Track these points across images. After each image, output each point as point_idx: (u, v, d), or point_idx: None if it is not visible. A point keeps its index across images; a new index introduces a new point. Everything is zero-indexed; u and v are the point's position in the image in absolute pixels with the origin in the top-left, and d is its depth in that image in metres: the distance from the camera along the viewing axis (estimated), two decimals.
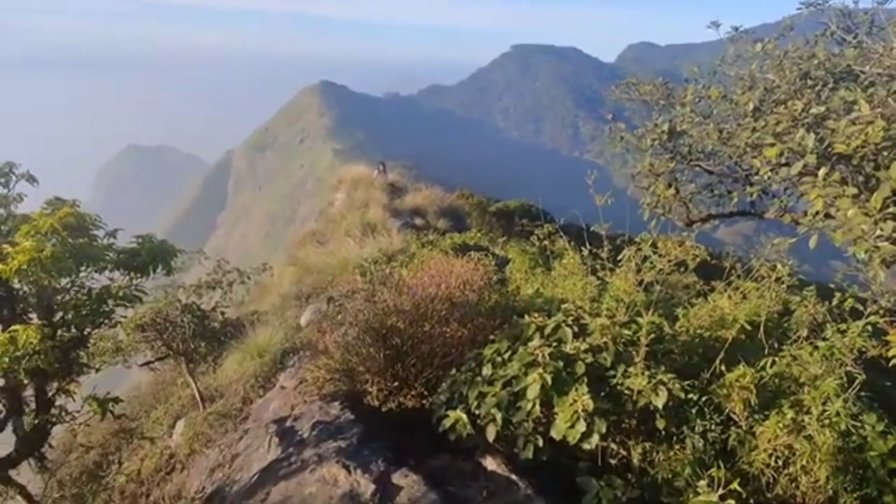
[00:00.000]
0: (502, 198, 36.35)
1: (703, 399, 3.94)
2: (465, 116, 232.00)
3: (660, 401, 3.70)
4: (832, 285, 5.68)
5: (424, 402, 4.90)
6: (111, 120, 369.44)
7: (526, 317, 4.26)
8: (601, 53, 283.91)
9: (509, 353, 4.18)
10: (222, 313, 10.90)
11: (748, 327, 4.46)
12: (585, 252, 5.52)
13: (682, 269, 4.86)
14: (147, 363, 9.66)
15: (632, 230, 5.39)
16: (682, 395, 3.74)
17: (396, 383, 4.95)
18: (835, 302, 4.52)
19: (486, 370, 4.20)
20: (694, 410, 3.91)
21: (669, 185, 5.76)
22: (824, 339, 3.96)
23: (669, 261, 4.56)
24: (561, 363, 3.85)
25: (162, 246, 5.29)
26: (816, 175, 3.69)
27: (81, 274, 4.91)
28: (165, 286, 10.54)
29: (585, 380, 3.79)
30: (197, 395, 8.75)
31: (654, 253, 4.72)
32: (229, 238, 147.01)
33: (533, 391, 3.77)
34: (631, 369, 3.87)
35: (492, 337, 4.53)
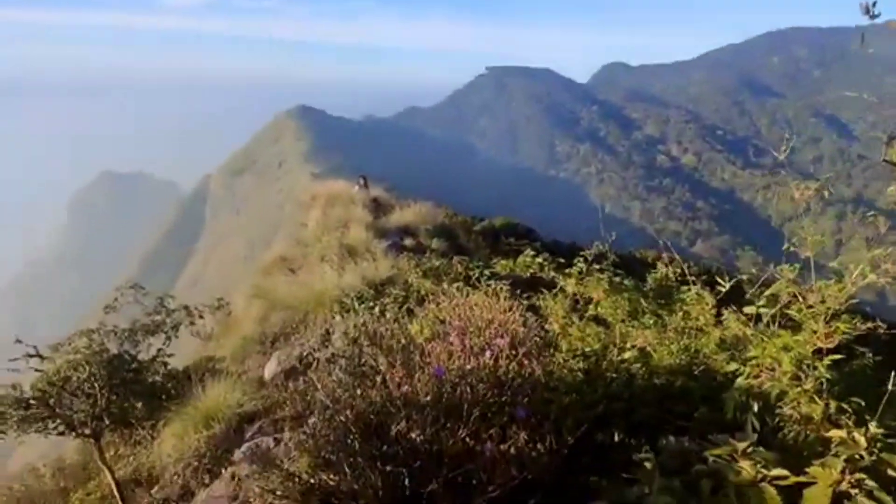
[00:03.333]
0: (484, 217, 34.61)
1: None
2: (442, 137, 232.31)
3: None
4: None
5: None
6: (87, 145, 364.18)
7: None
8: (575, 74, 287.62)
9: None
10: (165, 364, 8.69)
11: None
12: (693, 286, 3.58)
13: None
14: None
15: (616, 246, 4.83)
16: None
17: None
18: None
19: None
20: None
21: None
22: None
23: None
24: None
25: None
26: None
27: None
28: (92, 330, 8.32)
29: None
30: (114, 489, 6.50)
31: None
32: (207, 264, 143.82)
33: None
34: None
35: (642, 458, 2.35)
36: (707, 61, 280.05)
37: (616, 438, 2.86)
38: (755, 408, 2.37)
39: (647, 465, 2.12)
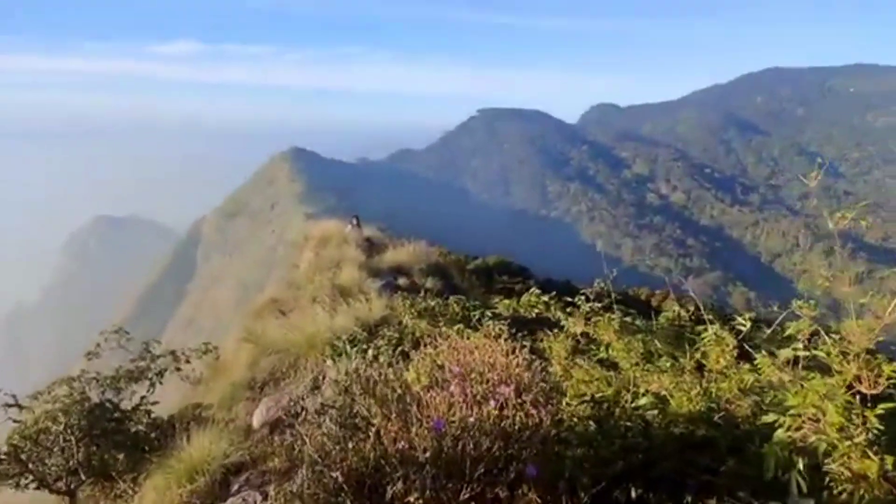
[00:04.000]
0: (477, 256, 34.49)
1: None
2: (435, 179, 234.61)
3: None
4: None
5: None
6: (83, 189, 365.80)
7: None
8: (565, 115, 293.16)
9: None
10: (149, 412, 8.32)
11: None
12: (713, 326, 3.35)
13: None
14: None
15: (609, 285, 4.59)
16: None
17: None
18: None
19: None
20: None
21: None
22: None
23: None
24: None
25: None
26: None
27: None
28: (73, 378, 7.99)
29: None
30: None
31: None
32: (199, 307, 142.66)
33: None
34: None
35: None
36: (693, 101, 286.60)
37: (634, 495, 2.59)
38: (800, 464, 2.12)
39: None
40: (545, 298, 4.17)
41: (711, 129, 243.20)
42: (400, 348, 5.88)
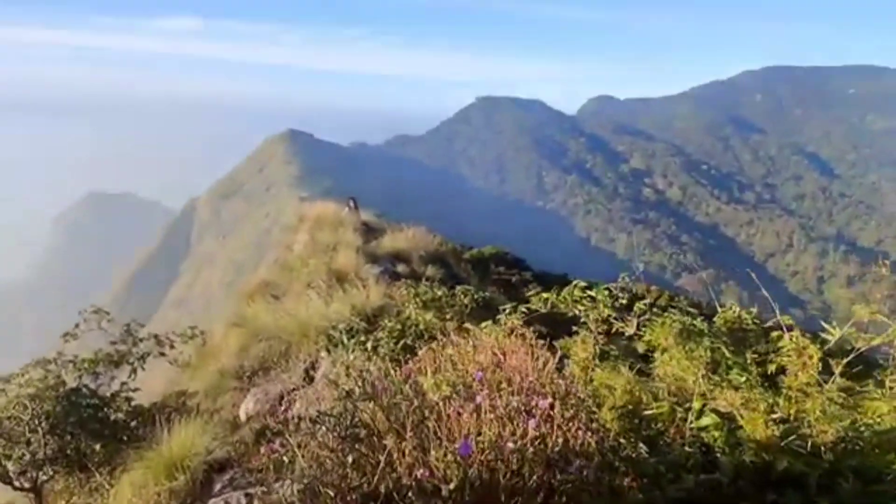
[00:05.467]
0: (472, 246, 34.05)
1: None
2: (432, 165, 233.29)
3: None
4: None
5: None
6: (76, 165, 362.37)
7: None
8: (563, 106, 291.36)
9: None
10: (129, 399, 7.84)
11: None
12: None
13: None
14: None
15: (602, 278, 4.78)
16: None
17: None
18: None
19: None
20: None
21: None
22: None
23: None
24: None
25: None
26: None
27: None
28: (48, 360, 7.49)
29: None
30: None
31: None
32: (191, 288, 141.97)
33: None
34: None
35: None
36: (692, 97, 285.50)
37: None
38: None
39: None
40: (591, 293, 3.69)
41: (709, 126, 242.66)
42: (402, 341, 5.41)
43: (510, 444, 1.97)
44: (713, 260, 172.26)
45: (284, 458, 2.68)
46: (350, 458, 2.43)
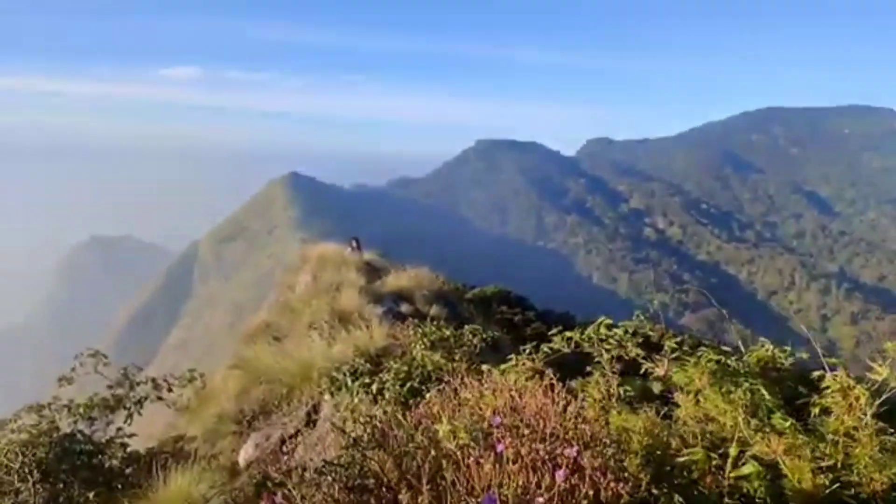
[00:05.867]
0: (475, 285, 33.87)
1: None
2: (433, 207, 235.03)
3: None
4: None
5: None
6: (79, 209, 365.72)
7: None
8: (562, 147, 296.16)
9: None
10: (124, 445, 7.56)
11: None
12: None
13: None
14: None
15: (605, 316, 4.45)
16: None
17: None
18: None
19: None
20: None
21: None
22: None
23: None
24: None
25: None
26: None
27: None
28: (42, 406, 7.27)
29: None
30: None
31: None
32: (192, 329, 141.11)
33: None
34: None
35: None
36: (689, 137, 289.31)
37: None
38: None
39: None
40: (618, 332, 3.50)
41: (707, 166, 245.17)
42: (409, 384, 5.19)
43: (539, 500, 1.77)
44: (715, 298, 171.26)
45: None
46: None
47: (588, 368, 4.53)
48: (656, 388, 4.47)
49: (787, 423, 2.58)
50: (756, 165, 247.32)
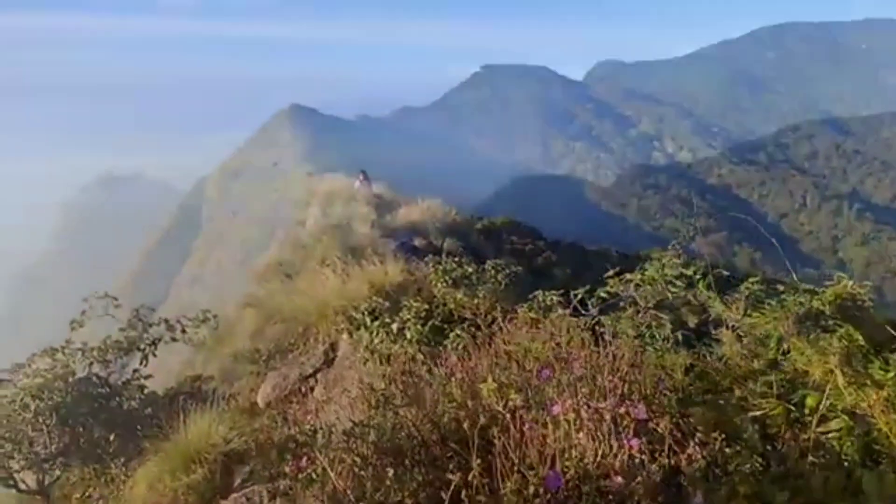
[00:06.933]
0: (483, 216, 33.53)
1: None
2: (437, 136, 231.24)
3: None
4: None
5: None
6: (83, 146, 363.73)
7: None
8: (570, 71, 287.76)
9: None
10: (142, 387, 7.54)
11: None
12: None
13: None
14: None
15: (615, 244, 3.33)
16: None
17: None
18: None
19: None
20: None
21: None
22: None
23: None
24: None
25: None
26: None
27: None
28: (55, 349, 7.16)
29: None
30: None
31: None
32: (204, 265, 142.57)
33: None
34: None
35: None
36: (701, 57, 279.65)
37: None
38: None
39: None
40: (688, 273, 3.19)
41: (720, 87, 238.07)
42: (430, 322, 4.97)
43: (619, 479, 1.51)
44: (726, 222, 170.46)
45: (313, 475, 2.26)
46: (390, 472, 2.01)
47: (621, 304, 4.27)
48: (692, 320, 4.22)
49: (891, 374, 2.28)
50: (770, 85, 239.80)
